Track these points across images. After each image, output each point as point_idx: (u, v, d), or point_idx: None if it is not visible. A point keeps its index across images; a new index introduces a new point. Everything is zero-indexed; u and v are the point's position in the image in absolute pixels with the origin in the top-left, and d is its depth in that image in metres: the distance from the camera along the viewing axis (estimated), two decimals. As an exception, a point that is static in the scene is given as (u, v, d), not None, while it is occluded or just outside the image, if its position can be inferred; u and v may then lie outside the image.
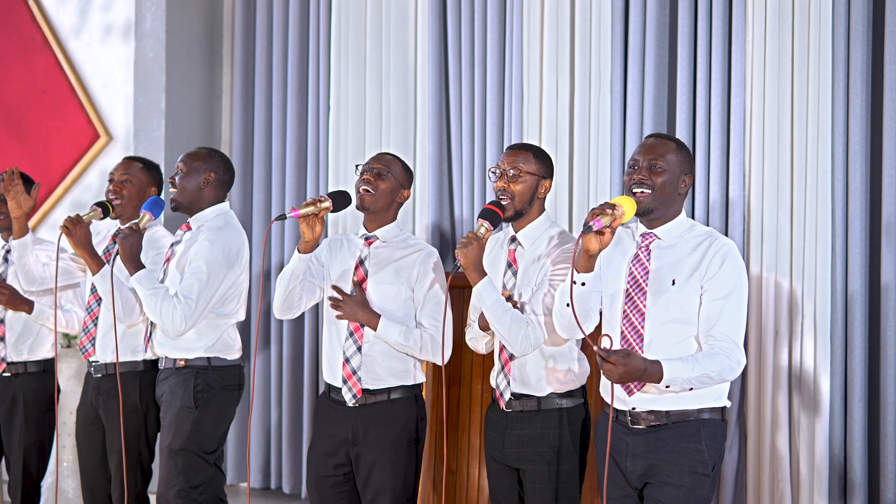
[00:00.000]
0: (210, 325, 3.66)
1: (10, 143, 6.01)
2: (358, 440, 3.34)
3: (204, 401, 3.64)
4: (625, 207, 2.72)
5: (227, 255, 3.63)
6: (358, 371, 3.33)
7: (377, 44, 5.07)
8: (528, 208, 3.19)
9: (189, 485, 3.61)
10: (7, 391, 4.23)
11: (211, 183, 3.73)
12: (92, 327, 3.90)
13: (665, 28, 4.36)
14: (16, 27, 5.97)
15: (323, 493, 3.40)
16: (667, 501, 2.74)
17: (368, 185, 3.34)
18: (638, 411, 2.81)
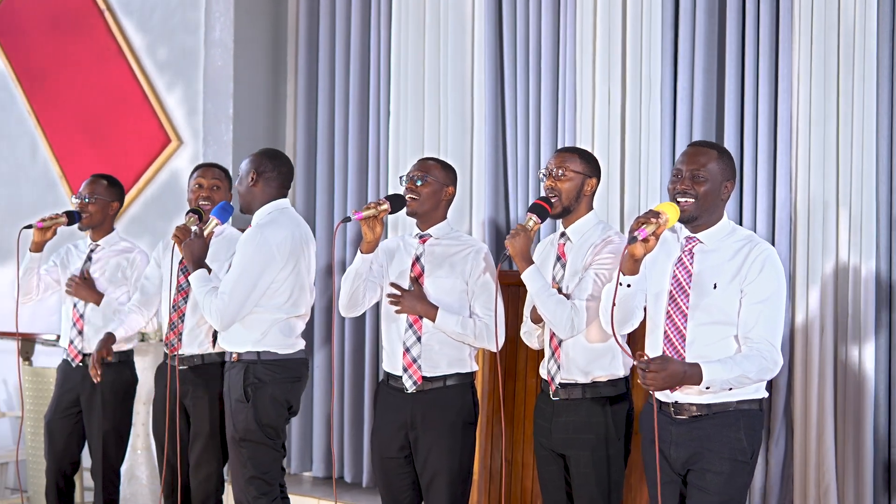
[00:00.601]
0: (258, 320, 3.79)
1: (89, 147, 6.30)
2: (416, 424, 3.58)
3: (255, 394, 3.78)
4: (668, 215, 2.87)
5: (262, 252, 3.73)
6: (418, 360, 3.57)
7: (435, 51, 5.28)
8: (576, 205, 3.39)
9: (258, 471, 3.81)
10: (87, 380, 4.46)
11: (257, 181, 3.87)
12: (179, 323, 4.15)
13: (714, 36, 4.51)
14: (92, 38, 6.25)
15: (387, 474, 3.64)
16: (708, 487, 2.91)
17: (412, 193, 3.61)
18: (681, 403, 2.99)
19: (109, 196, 4.52)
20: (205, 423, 4.12)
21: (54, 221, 4.44)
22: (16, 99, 6.55)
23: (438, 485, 3.56)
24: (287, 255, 3.79)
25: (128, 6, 6.15)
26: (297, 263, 3.83)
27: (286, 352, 3.85)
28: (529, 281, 3.29)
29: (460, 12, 5.21)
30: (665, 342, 3.00)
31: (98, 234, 4.54)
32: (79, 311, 4.47)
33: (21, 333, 5.91)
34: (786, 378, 4.32)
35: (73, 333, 4.48)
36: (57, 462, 4.54)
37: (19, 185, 6.53)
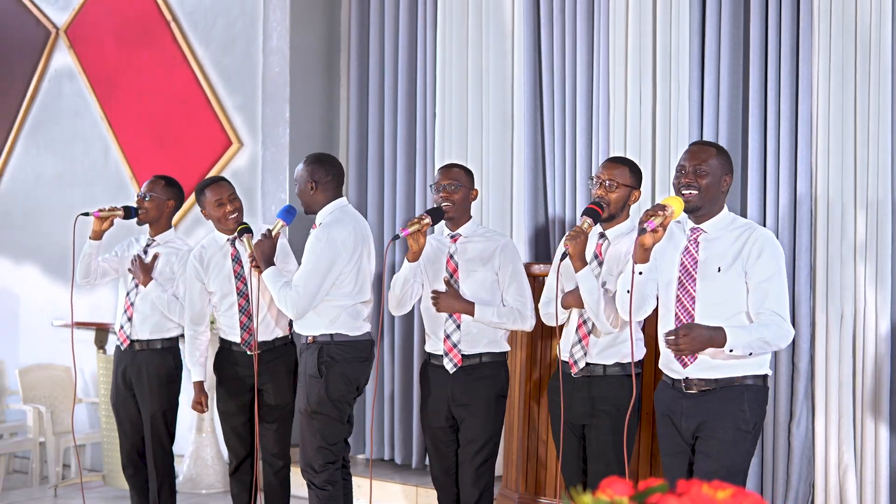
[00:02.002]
0: (331, 307, 4.18)
1: (156, 149, 6.67)
2: (457, 398, 4.00)
3: (327, 370, 4.17)
4: (674, 207, 3.17)
5: (330, 248, 4.12)
6: (458, 344, 3.99)
7: (478, 57, 5.56)
8: (620, 212, 3.73)
9: (327, 442, 4.18)
10: (135, 363, 4.78)
11: (317, 189, 4.24)
12: (249, 324, 4.51)
13: (739, 39, 4.74)
14: (159, 47, 6.62)
15: (436, 442, 4.11)
16: (712, 452, 3.20)
17: (447, 200, 4.02)
18: (691, 379, 3.27)
19: (165, 195, 4.82)
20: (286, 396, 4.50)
21: (111, 213, 4.77)
22: (90, 104, 6.95)
23: (470, 449, 3.99)
24: (351, 250, 4.17)
25: (192, 17, 6.51)
26: (360, 255, 4.22)
27: (355, 334, 4.23)
28: (584, 280, 3.60)
29: (501, 20, 5.49)
30: (676, 324, 3.28)
31: (156, 230, 4.84)
32: (130, 299, 4.79)
33: (93, 323, 6.34)
34: (807, 362, 4.54)
35: (123, 319, 4.80)
36: (129, 440, 4.88)
37: (93, 186, 6.92)
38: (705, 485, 1.65)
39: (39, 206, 7.21)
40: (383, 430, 6.00)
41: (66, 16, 7.05)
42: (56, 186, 7.13)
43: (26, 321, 7.32)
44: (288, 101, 6.03)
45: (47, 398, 6.67)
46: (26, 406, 6.54)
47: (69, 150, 7.07)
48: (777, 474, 4.58)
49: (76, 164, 7.04)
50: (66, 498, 6.03)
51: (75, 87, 7.02)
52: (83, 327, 6.26)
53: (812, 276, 4.54)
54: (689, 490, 1.65)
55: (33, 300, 7.26)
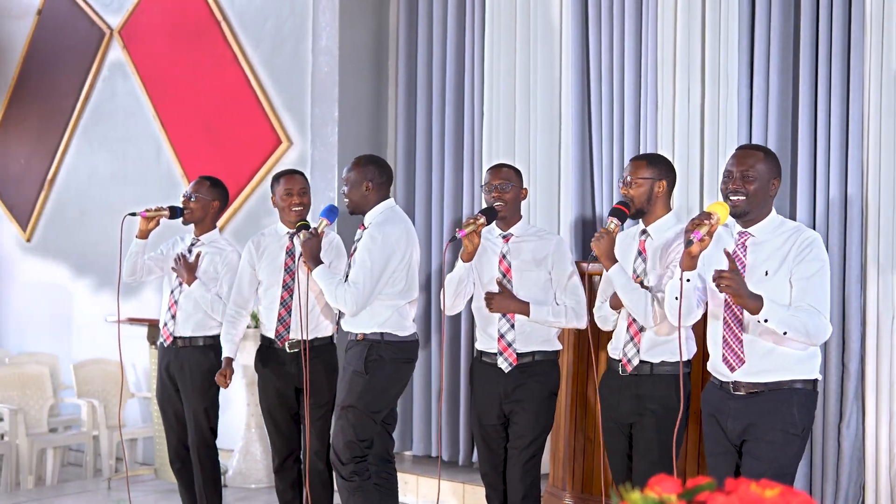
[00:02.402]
0: (382, 306, 4.22)
1: (207, 148, 6.77)
2: (510, 395, 4.02)
3: (374, 368, 4.21)
4: (719, 214, 3.17)
5: (386, 246, 4.18)
6: (513, 343, 4.01)
7: (526, 56, 5.58)
8: (648, 206, 3.71)
9: (357, 438, 4.22)
10: (178, 359, 4.85)
11: (371, 189, 4.30)
12: (287, 318, 4.56)
13: (789, 37, 4.71)
14: (210, 47, 6.71)
15: (487, 439, 4.13)
16: (760, 455, 3.18)
17: (500, 200, 4.03)
18: (739, 381, 3.26)
19: (210, 195, 4.88)
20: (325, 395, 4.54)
21: (158, 213, 4.84)
22: (142, 104, 7.07)
23: (519, 444, 4.02)
24: (404, 248, 4.24)
25: (242, 17, 6.60)
26: (410, 255, 4.27)
27: (403, 334, 4.27)
28: (615, 277, 3.64)
29: (549, 20, 5.50)
30: (724, 328, 3.28)
31: (201, 230, 4.90)
32: (174, 297, 4.86)
33: (145, 319, 6.44)
34: (857, 363, 4.50)
35: (167, 317, 4.87)
36: (175, 435, 4.96)
37: (145, 184, 7.03)
38: (753, 483, 1.66)
39: (93, 204, 7.34)
40: (430, 426, 6.04)
41: (120, 17, 7.17)
42: (109, 185, 7.25)
43: (80, 317, 7.46)
44: (337, 101, 6.08)
45: (101, 392, 6.79)
46: (80, 400, 6.67)
47: (122, 149, 7.19)
48: (826, 475, 4.55)
49: (129, 163, 7.16)
50: (119, 490, 6.14)
51: (128, 86, 7.14)
52: (136, 323, 6.36)
53: (863, 276, 4.50)
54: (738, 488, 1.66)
55: (87, 297, 7.39)
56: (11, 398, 6.56)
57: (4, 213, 7.88)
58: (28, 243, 7.75)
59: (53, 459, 6.47)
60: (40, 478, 6.53)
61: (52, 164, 7.53)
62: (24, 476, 6.32)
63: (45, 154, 7.60)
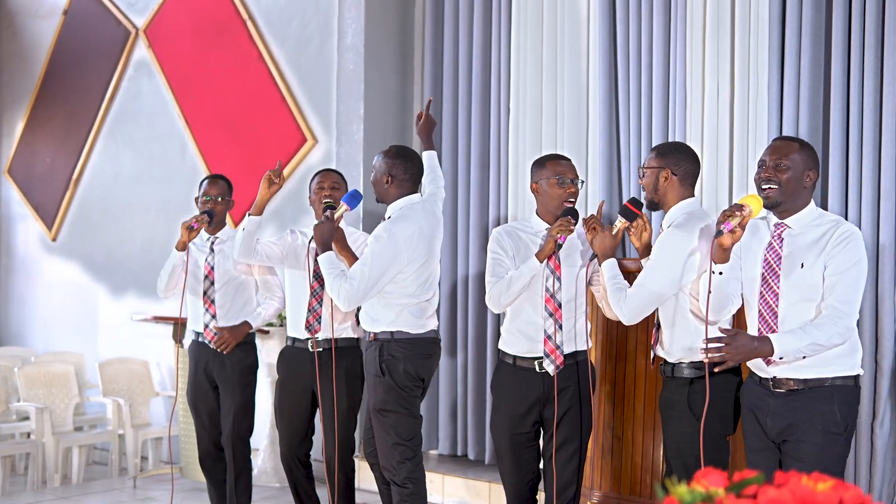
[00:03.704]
0: (393, 304, 4.13)
1: (232, 146, 6.77)
2: (551, 399, 3.86)
3: (389, 368, 4.12)
4: (751, 206, 3.10)
5: (391, 246, 4.04)
6: (561, 346, 3.86)
7: (553, 51, 5.54)
8: (658, 196, 3.61)
9: (402, 438, 4.14)
10: (218, 356, 4.86)
11: (391, 183, 4.21)
12: (318, 307, 4.51)
13: (820, 30, 4.65)
14: (235, 45, 6.71)
15: (516, 448, 3.93)
16: (802, 457, 3.11)
17: (574, 196, 3.89)
18: (779, 378, 3.20)
19: (230, 194, 4.94)
20: (343, 401, 4.48)
21: (203, 222, 4.77)
22: (167, 103, 7.08)
23: (569, 449, 3.88)
24: (414, 248, 4.11)
25: (268, 16, 6.59)
26: (425, 254, 4.16)
27: (417, 331, 4.17)
28: (604, 270, 3.65)
29: (576, 14, 5.46)
30: (760, 321, 3.22)
31: (215, 228, 4.89)
32: (209, 296, 4.86)
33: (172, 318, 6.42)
34: (891, 361, 4.44)
35: (206, 317, 4.86)
36: (207, 433, 4.96)
37: (171, 183, 7.04)
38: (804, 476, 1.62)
39: (118, 203, 7.36)
40: (456, 426, 6.01)
41: (146, 16, 7.19)
42: (134, 184, 7.27)
43: (106, 316, 7.48)
44: (362, 99, 6.06)
45: (126, 391, 6.80)
46: (106, 399, 6.68)
47: (147, 148, 7.20)
48: (860, 474, 4.49)
49: (154, 162, 7.17)
50: (144, 489, 6.14)
51: (153, 85, 7.15)
52: (162, 322, 6.36)
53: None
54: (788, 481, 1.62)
55: (112, 295, 7.41)
56: (37, 397, 6.57)
57: (30, 212, 7.91)
58: (53, 243, 7.78)
59: (79, 458, 6.48)
60: (66, 476, 6.54)
61: (78, 163, 7.56)
62: (49, 474, 6.33)
63: (70, 153, 7.62)
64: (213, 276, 4.90)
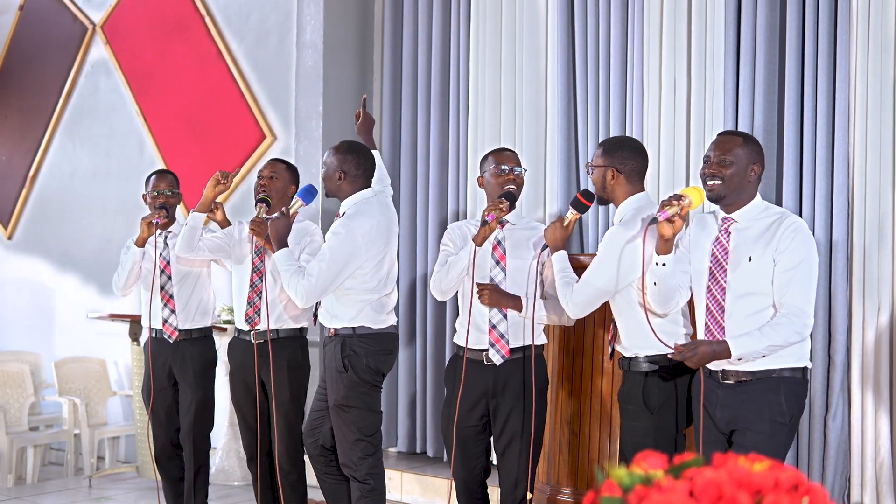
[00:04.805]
0: (353, 300, 4.12)
1: (191, 144, 6.72)
2: (498, 392, 3.87)
3: (351, 364, 4.11)
4: (691, 197, 3.13)
5: (349, 242, 4.04)
6: (506, 335, 3.87)
7: (511, 48, 5.55)
8: (605, 192, 3.62)
9: (363, 434, 4.14)
10: (177, 354, 4.84)
11: (344, 179, 4.19)
12: (257, 300, 4.48)
13: (775, 30, 4.69)
14: (194, 42, 6.67)
15: (464, 442, 3.94)
16: (748, 445, 3.14)
17: (515, 184, 3.91)
18: (728, 370, 3.23)
19: (178, 187, 4.92)
20: (284, 392, 4.47)
21: (163, 217, 4.74)
22: (125, 99, 7.02)
23: (516, 447, 3.87)
24: (373, 243, 4.11)
25: (226, 12, 6.55)
26: (383, 249, 4.15)
27: (378, 326, 4.17)
28: (554, 262, 3.66)
29: (534, 11, 5.48)
30: (707, 315, 3.25)
31: (167, 223, 4.85)
32: (167, 292, 4.83)
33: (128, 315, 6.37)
34: (844, 355, 4.48)
35: (165, 313, 4.83)
36: (164, 431, 4.91)
37: (129, 181, 6.97)
38: (742, 457, 1.63)
39: (75, 201, 7.28)
40: (415, 423, 6.00)
41: (103, 12, 7.12)
42: (92, 181, 7.20)
43: (63, 315, 7.39)
44: (321, 95, 6.04)
45: (82, 390, 6.73)
46: (62, 398, 6.60)
47: (105, 145, 7.14)
48: (813, 467, 4.53)
49: (112, 159, 7.10)
50: (100, 489, 6.08)
51: (111, 82, 7.09)
52: (118, 319, 6.30)
53: (849, 268, 4.48)
54: (726, 463, 1.63)
55: (68, 294, 7.33)
56: (-8, 396, 6.49)
57: (-15, 210, 7.81)
58: (9, 241, 7.68)
59: (34, 458, 6.40)
60: (20, 477, 6.46)
61: (34, 160, 7.47)
62: (3, 475, 6.25)
63: (26, 151, 7.53)
64: (169, 271, 4.87)
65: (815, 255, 3.21)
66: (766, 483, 1.57)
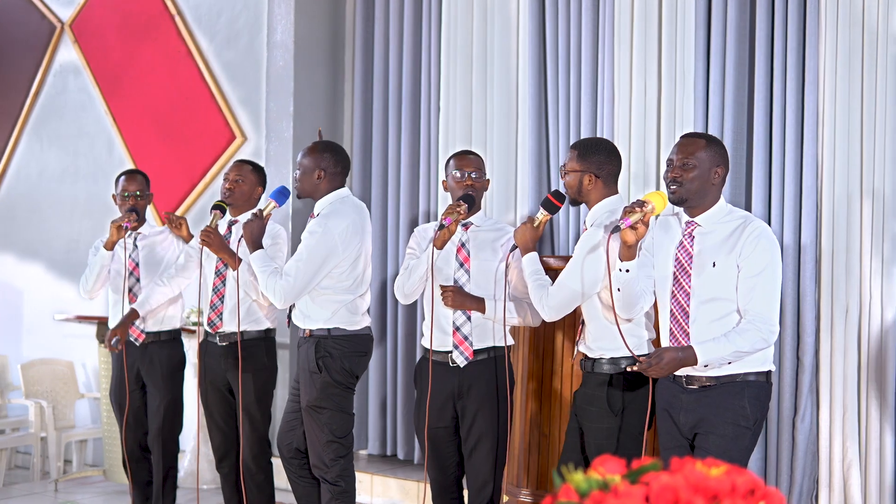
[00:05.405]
0: (328, 301, 4.12)
1: (160, 144, 6.66)
2: (464, 393, 3.88)
3: (326, 365, 4.11)
4: (654, 203, 3.09)
5: (326, 241, 4.04)
6: (469, 337, 3.87)
7: (482, 50, 5.54)
8: (581, 196, 3.62)
9: (335, 435, 4.13)
10: (145, 357, 4.83)
11: (323, 178, 4.17)
12: (219, 304, 4.49)
13: (745, 32, 4.70)
14: (163, 41, 6.61)
15: (437, 443, 3.96)
16: (711, 449, 3.13)
17: (473, 188, 3.90)
18: (692, 375, 3.21)
19: (149, 187, 4.92)
20: (249, 393, 4.45)
21: (133, 220, 4.73)
22: (94, 99, 6.95)
23: (483, 447, 3.88)
24: (349, 243, 4.10)
25: (196, 11, 6.50)
26: (358, 249, 4.14)
27: (353, 328, 4.17)
28: (525, 264, 3.63)
29: (506, 13, 5.46)
30: (671, 321, 3.22)
31: (137, 224, 4.84)
32: (136, 294, 4.81)
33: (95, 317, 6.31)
34: (812, 356, 4.49)
35: None
36: (133, 434, 4.88)
37: (98, 181, 6.91)
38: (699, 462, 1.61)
39: (43, 201, 7.21)
40: (385, 425, 5.97)
41: (71, 10, 7.05)
42: (60, 181, 7.12)
43: (29, 316, 7.31)
44: (292, 95, 6.01)
45: (49, 393, 6.65)
46: (28, 401, 6.52)
47: (74, 145, 7.07)
48: (781, 469, 4.53)
49: (80, 159, 7.04)
50: (66, 493, 6.01)
51: (80, 81, 7.02)
52: (85, 321, 6.24)
53: (817, 270, 4.49)
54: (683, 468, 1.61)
55: (36, 295, 7.25)
56: (-43, 399, 6.41)
57: (-48, 210, 7.71)
58: (-24, 241, 7.59)
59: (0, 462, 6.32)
60: (-14, 480, 6.38)
61: (1, 160, 7.38)
62: (-31, 478, 6.18)
63: (-6, 150, 7.45)
64: (138, 273, 4.84)
65: (779, 259, 3.20)
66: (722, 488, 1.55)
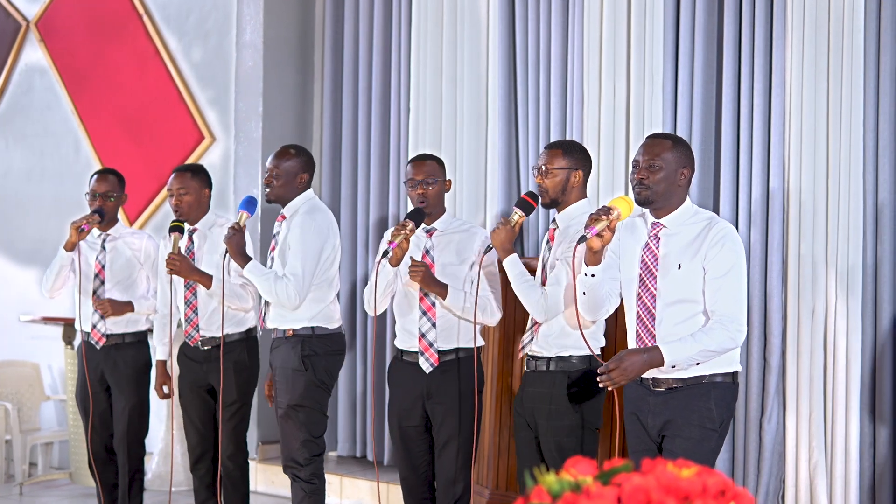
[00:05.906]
0: (311, 300, 4.16)
1: (128, 145, 6.62)
2: (432, 394, 3.91)
3: (312, 363, 4.15)
4: (620, 209, 3.08)
5: (320, 233, 4.15)
6: (434, 343, 3.88)
7: (452, 51, 5.55)
8: (562, 196, 3.63)
9: (312, 435, 4.17)
10: (109, 359, 4.80)
11: (305, 181, 4.26)
12: (194, 317, 4.50)
13: (713, 34, 4.74)
14: (131, 41, 6.56)
15: (407, 442, 4.00)
16: (677, 451, 3.13)
17: (422, 197, 3.90)
18: (659, 378, 3.22)
19: (122, 189, 4.87)
20: (232, 394, 4.47)
21: (94, 222, 4.67)
22: (60, 99, 6.89)
23: (452, 447, 3.90)
24: (336, 236, 4.25)
25: (165, 11, 6.46)
26: (337, 244, 4.26)
27: (332, 327, 4.25)
28: (508, 268, 3.60)
29: (476, 15, 5.48)
30: (637, 323, 3.23)
31: (107, 225, 4.81)
32: (99, 296, 4.78)
33: (61, 318, 6.25)
34: (779, 357, 4.53)
35: (95, 318, 4.78)
36: (99, 436, 4.85)
37: (64, 181, 6.86)
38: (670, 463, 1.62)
39: (8, 200, 7.14)
40: (355, 426, 5.96)
41: (37, 8, 6.98)
42: (26, 181, 7.05)
43: (-6, 317, 7.23)
44: (261, 96, 5.99)
45: (14, 395, 6.58)
46: (-7, 403, 6.45)
47: (40, 145, 7.00)
48: (748, 469, 4.57)
49: (46, 159, 6.98)
50: (31, 496, 5.95)
51: (46, 81, 6.96)
52: (51, 323, 6.18)
53: (784, 272, 4.53)
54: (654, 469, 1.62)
55: (1, 296, 7.17)
56: (-80, 401, 6.32)
57: (-85, 210, 7.60)
58: (-60, 242, 7.49)
59: (-36, 465, 6.24)
60: (-50, 484, 6.30)
61: (-34, 159, 7.30)
62: (-68, 482, 6.10)
63: (-42, 150, 7.35)
64: (103, 276, 4.80)
65: (744, 260, 3.21)
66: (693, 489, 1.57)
